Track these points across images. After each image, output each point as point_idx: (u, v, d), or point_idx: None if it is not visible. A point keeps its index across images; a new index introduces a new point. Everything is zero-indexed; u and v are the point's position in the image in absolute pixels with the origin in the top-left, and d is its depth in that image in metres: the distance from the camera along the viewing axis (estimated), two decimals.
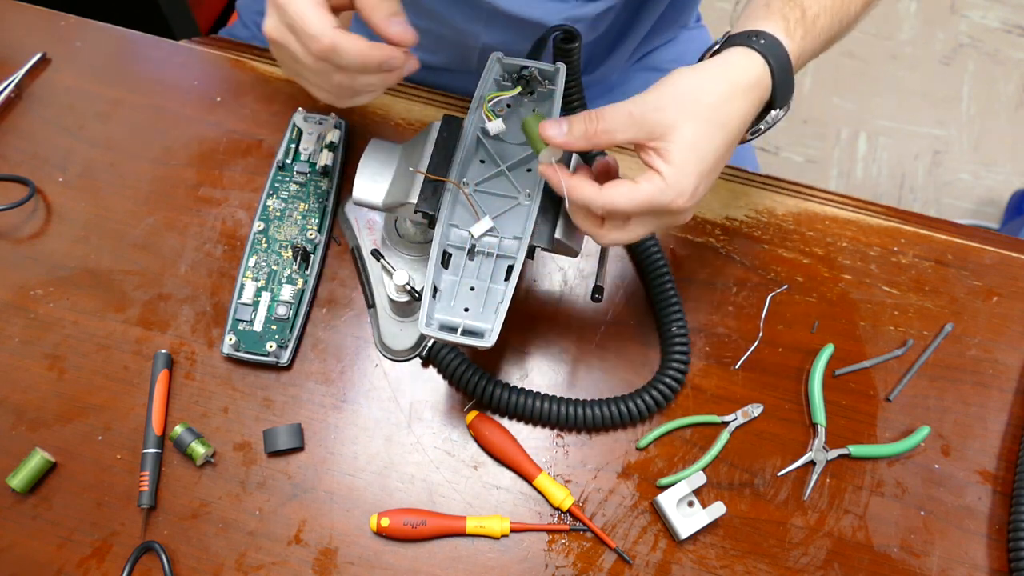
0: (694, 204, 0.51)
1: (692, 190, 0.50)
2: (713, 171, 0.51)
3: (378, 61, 0.51)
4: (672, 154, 0.49)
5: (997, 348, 0.70)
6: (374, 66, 0.51)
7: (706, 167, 0.50)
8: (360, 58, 0.50)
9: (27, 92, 0.75)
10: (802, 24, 0.54)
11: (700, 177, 0.50)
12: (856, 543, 0.64)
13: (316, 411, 0.66)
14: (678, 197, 0.50)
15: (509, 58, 0.59)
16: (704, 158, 0.50)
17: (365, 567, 0.62)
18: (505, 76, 0.60)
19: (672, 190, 0.49)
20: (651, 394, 0.64)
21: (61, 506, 0.63)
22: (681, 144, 0.49)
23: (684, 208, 0.50)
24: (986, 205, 1.72)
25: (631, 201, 0.50)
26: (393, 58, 0.52)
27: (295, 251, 0.68)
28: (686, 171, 0.49)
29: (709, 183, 0.52)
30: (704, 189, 0.51)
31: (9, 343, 0.67)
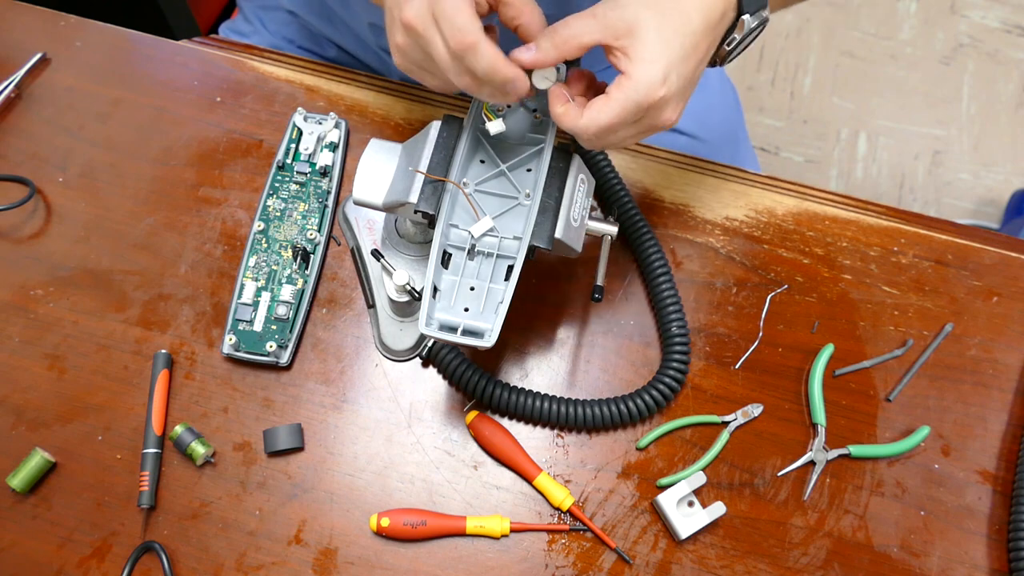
0: (672, 94, 0.51)
1: (662, 78, 0.49)
2: (683, 60, 0.51)
3: (504, 78, 0.51)
4: (635, 49, 0.50)
5: (997, 348, 0.70)
6: (499, 81, 0.51)
7: (674, 54, 0.50)
8: (491, 67, 0.51)
9: (27, 92, 0.75)
10: None
11: (669, 65, 0.50)
12: (856, 543, 0.64)
13: (316, 411, 0.66)
14: (649, 90, 0.49)
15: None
16: (669, 44, 0.50)
17: (365, 567, 0.62)
18: None
19: (642, 85, 0.49)
20: (651, 394, 0.64)
21: (61, 506, 0.63)
22: (643, 36, 0.50)
23: (659, 97, 0.50)
24: (986, 205, 1.72)
25: (609, 114, 0.50)
26: (518, 81, 0.52)
27: (295, 251, 0.68)
28: (652, 60, 0.49)
29: (684, 73, 0.51)
30: (678, 78, 0.51)
31: (9, 343, 0.67)
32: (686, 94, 0.53)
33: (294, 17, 0.89)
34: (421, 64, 0.55)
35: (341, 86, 0.77)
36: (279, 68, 0.77)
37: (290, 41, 0.91)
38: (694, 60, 0.52)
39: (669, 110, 0.52)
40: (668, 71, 0.50)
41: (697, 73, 0.54)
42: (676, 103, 0.52)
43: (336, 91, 0.77)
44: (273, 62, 0.78)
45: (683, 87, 0.52)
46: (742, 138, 0.96)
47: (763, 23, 0.57)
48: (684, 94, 0.53)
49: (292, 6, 0.87)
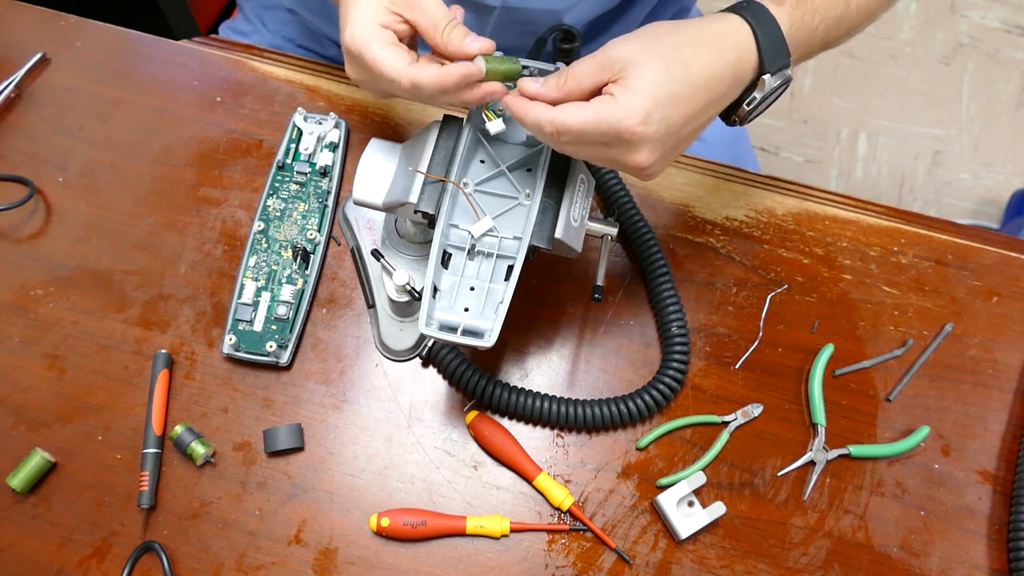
0: (649, 135, 0.49)
1: (644, 113, 0.48)
2: (671, 105, 0.49)
3: (455, 81, 0.53)
4: (626, 80, 0.49)
5: (997, 348, 0.70)
6: (452, 86, 0.53)
7: (662, 95, 0.49)
8: (438, 86, 0.52)
9: (27, 92, 0.75)
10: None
11: (655, 104, 0.48)
12: (856, 543, 0.64)
13: (316, 411, 0.66)
14: (627, 117, 0.48)
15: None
16: (659, 85, 0.49)
17: (365, 567, 0.62)
18: None
19: (622, 108, 0.48)
20: (651, 394, 0.64)
21: (61, 506, 0.63)
22: (635, 71, 0.49)
23: (634, 132, 0.48)
24: (986, 205, 1.71)
25: (576, 120, 0.49)
26: (469, 75, 0.53)
27: (295, 251, 0.68)
28: (640, 93, 0.48)
29: (670, 118, 0.50)
30: (661, 122, 0.49)
31: (9, 343, 0.67)
32: (667, 145, 0.51)
33: (294, 16, 0.89)
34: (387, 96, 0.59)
35: (341, 86, 0.77)
36: (279, 68, 0.77)
37: (290, 40, 0.91)
38: (684, 110, 0.50)
39: (642, 152, 0.50)
40: (652, 109, 0.48)
41: (688, 129, 0.52)
42: (652, 148, 0.50)
43: (336, 91, 0.77)
44: (273, 62, 0.78)
45: (665, 134, 0.50)
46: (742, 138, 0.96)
47: (786, 82, 0.55)
48: (664, 143, 0.50)
49: (292, 5, 0.87)
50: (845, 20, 0.59)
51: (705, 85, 0.51)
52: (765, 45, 0.53)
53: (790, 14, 0.55)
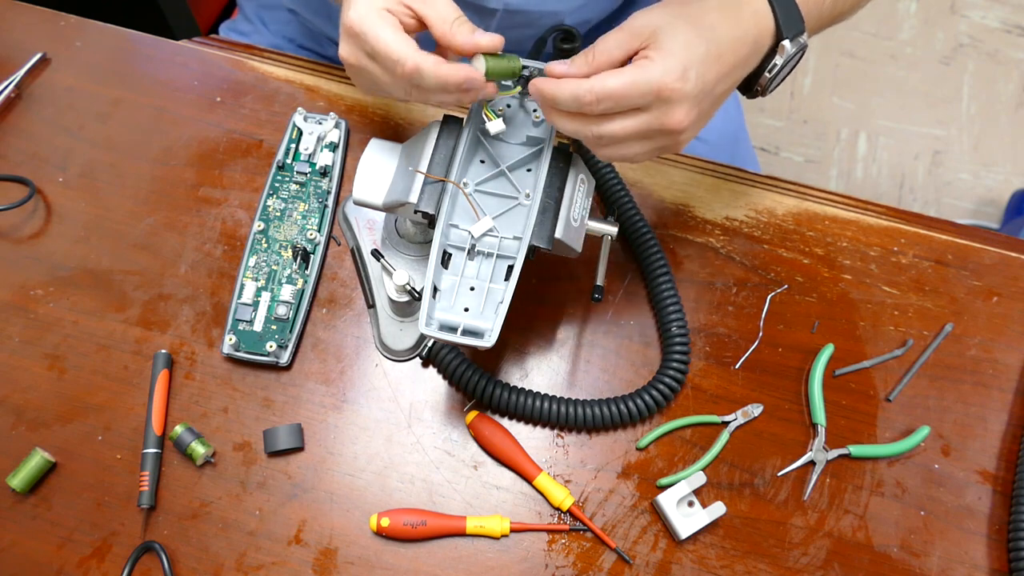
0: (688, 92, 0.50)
1: (682, 70, 0.49)
2: (704, 62, 0.50)
3: (456, 82, 0.53)
4: (658, 45, 0.50)
5: (997, 348, 0.70)
6: (453, 87, 0.53)
7: (695, 54, 0.50)
8: (440, 80, 0.52)
9: (27, 92, 0.75)
10: None
11: (690, 61, 0.50)
12: (856, 543, 0.64)
13: (316, 411, 0.66)
14: (665, 74, 0.49)
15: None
16: (691, 45, 0.50)
17: (365, 567, 0.62)
18: None
19: (659, 67, 0.49)
20: (651, 394, 0.64)
21: (61, 506, 0.63)
22: (666, 36, 0.50)
23: (674, 88, 0.49)
24: (986, 205, 1.71)
25: (618, 82, 0.49)
26: (472, 80, 0.53)
27: (295, 251, 0.68)
28: (673, 53, 0.49)
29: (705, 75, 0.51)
30: (697, 78, 0.50)
31: (9, 343, 0.67)
32: (703, 104, 0.52)
33: (294, 16, 0.89)
34: (371, 88, 0.57)
35: (341, 86, 0.77)
36: (279, 68, 0.77)
37: (290, 40, 0.91)
38: (716, 69, 0.52)
39: (682, 110, 0.50)
40: (688, 66, 0.50)
41: (720, 89, 0.53)
42: (690, 106, 0.51)
43: (336, 91, 0.77)
44: (273, 62, 0.78)
45: (701, 91, 0.51)
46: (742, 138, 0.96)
47: (802, 49, 0.57)
48: (701, 102, 0.51)
49: (293, 4, 0.87)
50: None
51: (731, 47, 0.53)
52: (781, 12, 0.55)
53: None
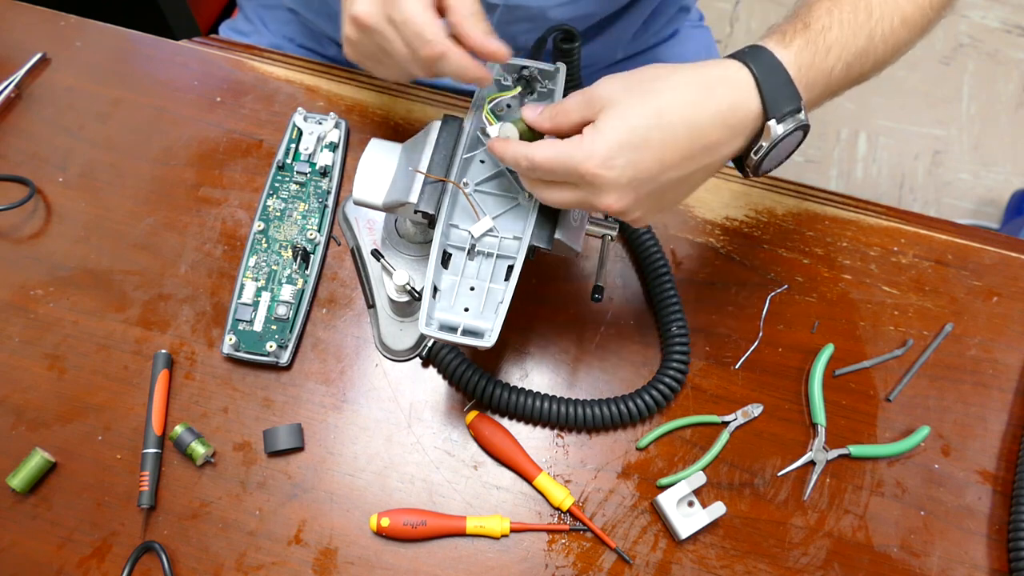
0: (612, 179, 0.48)
1: (604, 156, 0.47)
2: (639, 149, 0.48)
3: (473, 78, 0.53)
4: (599, 121, 0.49)
5: (997, 348, 0.70)
6: (467, 80, 0.53)
7: (631, 140, 0.48)
8: (460, 71, 0.53)
9: (27, 92, 0.75)
10: (803, 35, 0.52)
11: (620, 147, 0.48)
12: (856, 543, 0.64)
13: (316, 411, 0.66)
14: (587, 159, 0.48)
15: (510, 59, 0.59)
16: (630, 131, 0.48)
17: (365, 567, 0.62)
18: (505, 76, 0.60)
19: (582, 151, 0.48)
20: (651, 394, 0.64)
21: (61, 506, 0.63)
22: (610, 114, 0.48)
23: (596, 174, 0.48)
24: (986, 205, 1.71)
25: (545, 155, 0.49)
26: (485, 79, 0.54)
27: (295, 251, 0.68)
28: (604, 136, 0.48)
29: (638, 163, 0.48)
30: (627, 166, 0.48)
31: (9, 343, 0.67)
32: (641, 191, 0.49)
33: (295, 15, 0.89)
34: (373, 58, 0.57)
35: (341, 86, 0.77)
36: (279, 68, 0.77)
37: (291, 40, 0.91)
38: (659, 156, 0.48)
39: (609, 196, 0.49)
40: (615, 154, 0.48)
41: (668, 177, 0.50)
42: (621, 193, 0.49)
43: (336, 91, 0.77)
44: (273, 62, 0.78)
45: (633, 179, 0.48)
46: None
47: (800, 128, 0.52)
48: (637, 189, 0.49)
49: (293, 4, 0.87)
50: (869, 54, 0.55)
51: (686, 132, 0.49)
52: (767, 89, 0.50)
53: (798, 55, 0.52)
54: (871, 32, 0.54)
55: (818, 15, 0.53)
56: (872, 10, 0.54)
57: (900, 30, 0.56)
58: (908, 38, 0.57)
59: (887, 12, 0.55)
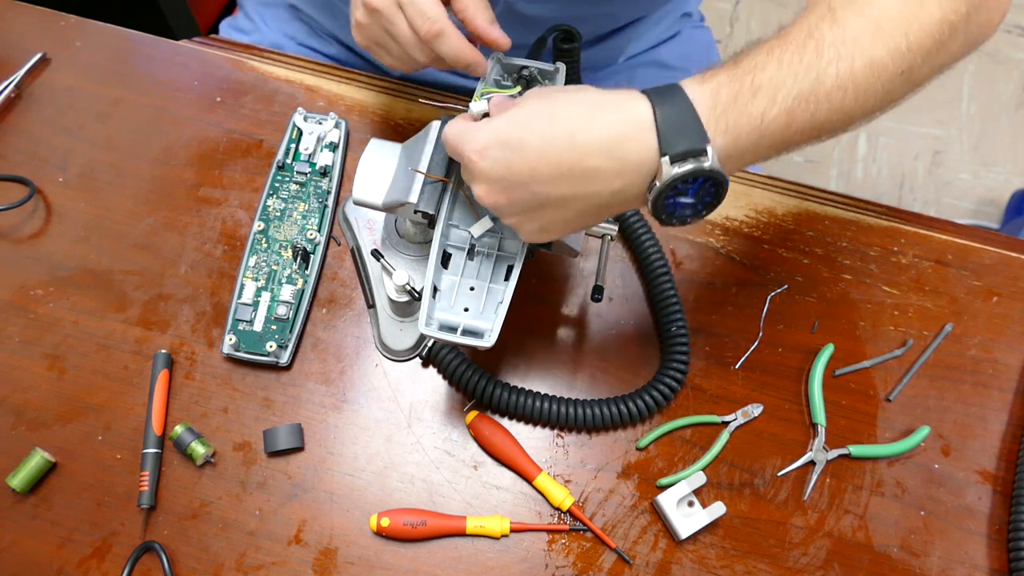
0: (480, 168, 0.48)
1: (481, 145, 0.48)
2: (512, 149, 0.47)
3: (468, 62, 0.56)
4: (493, 115, 0.50)
5: (997, 348, 0.70)
6: (462, 63, 0.56)
7: (512, 137, 0.47)
8: (456, 52, 0.56)
9: (27, 92, 0.75)
10: (728, 71, 0.47)
11: (498, 141, 0.47)
12: (856, 543, 0.64)
13: (316, 411, 0.66)
14: (469, 143, 0.49)
15: (509, 58, 0.59)
16: (509, 127, 0.47)
17: (365, 567, 0.62)
18: (505, 76, 0.60)
19: (468, 134, 0.49)
20: (651, 394, 0.64)
21: (61, 506, 0.63)
22: (508, 110, 0.49)
23: (470, 159, 0.48)
24: (986, 205, 1.71)
25: (447, 131, 0.51)
26: (479, 64, 0.56)
27: (295, 251, 0.68)
28: (491, 126, 0.48)
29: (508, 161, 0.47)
30: (496, 162, 0.47)
31: (9, 343, 0.67)
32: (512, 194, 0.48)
33: (295, 13, 0.89)
34: (380, 42, 0.59)
35: (341, 86, 0.77)
36: (279, 68, 0.77)
37: (291, 37, 0.90)
38: (533, 163, 0.46)
39: (480, 186, 0.49)
40: (491, 144, 0.47)
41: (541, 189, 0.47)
42: (490, 188, 0.48)
43: (336, 91, 0.77)
44: (273, 62, 0.78)
45: (504, 178, 0.47)
46: None
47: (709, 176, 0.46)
48: (508, 190, 0.48)
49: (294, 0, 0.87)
50: (821, 99, 0.47)
51: (566, 149, 0.46)
52: (663, 123, 0.45)
53: (716, 92, 0.46)
54: (820, 74, 0.47)
55: (753, 54, 0.48)
56: (823, 51, 0.47)
57: (864, 75, 0.47)
58: (879, 86, 0.49)
59: (844, 53, 0.47)
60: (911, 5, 0.50)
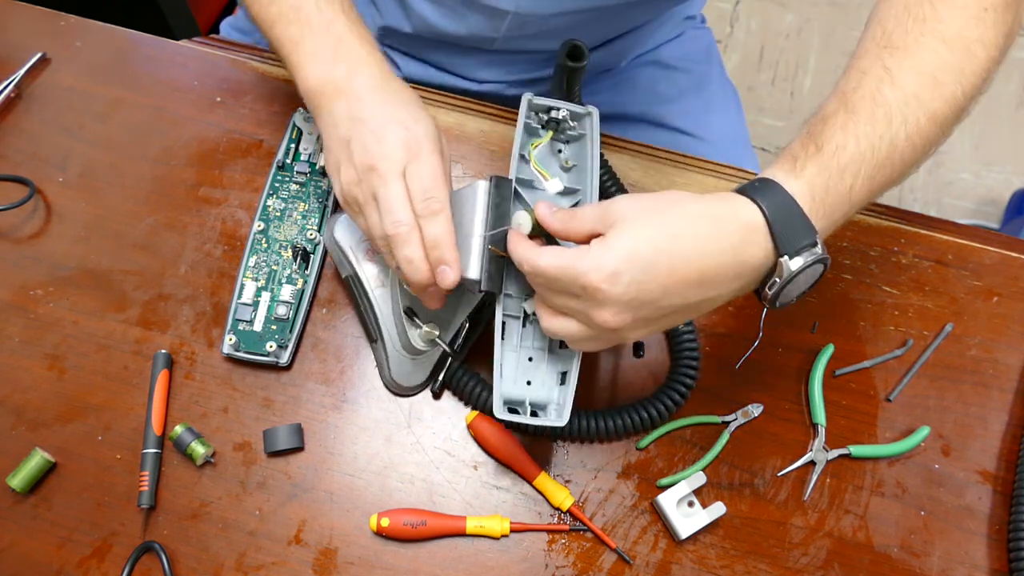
0: (615, 294, 0.47)
1: (611, 271, 0.46)
2: (645, 271, 0.47)
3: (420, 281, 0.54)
4: (610, 236, 0.48)
5: (997, 348, 0.70)
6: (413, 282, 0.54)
7: (640, 260, 0.47)
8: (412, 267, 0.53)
9: (27, 92, 0.75)
10: (816, 160, 0.50)
11: (628, 265, 0.47)
12: (856, 543, 0.64)
13: (316, 411, 0.66)
14: (592, 270, 0.47)
15: (539, 98, 0.57)
16: (638, 249, 0.47)
17: (365, 567, 0.62)
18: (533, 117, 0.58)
19: (588, 262, 0.47)
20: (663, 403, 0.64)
21: (61, 506, 0.63)
22: (619, 228, 0.48)
23: (599, 288, 0.47)
24: (986, 205, 1.71)
25: (549, 262, 0.49)
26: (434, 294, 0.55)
27: (295, 251, 0.68)
28: (612, 250, 0.47)
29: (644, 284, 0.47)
30: (631, 285, 0.47)
31: (9, 343, 0.67)
32: (640, 313, 0.48)
33: None
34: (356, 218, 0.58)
35: None
36: (279, 68, 0.77)
37: None
38: (664, 281, 0.47)
39: (607, 311, 0.48)
40: (621, 269, 0.47)
41: (670, 302, 0.48)
42: (619, 309, 0.48)
43: None
44: (273, 62, 0.78)
45: (635, 299, 0.47)
46: (742, 138, 0.96)
47: (821, 261, 0.50)
48: (637, 310, 0.48)
49: None
50: (895, 160, 0.51)
51: (697, 262, 0.47)
52: (778, 226, 0.48)
53: (812, 184, 0.49)
54: (893, 139, 0.51)
55: (831, 134, 0.51)
56: (892, 117, 0.51)
57: (928, 128, 0.52)
58: (940, 133, 0.53)
59: (910, 114, 0.51)
60: (960, 54, 0.53)
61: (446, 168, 0.56)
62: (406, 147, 0.54)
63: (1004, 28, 0.55)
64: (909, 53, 0.52)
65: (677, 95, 0.92)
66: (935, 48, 0.52)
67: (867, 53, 0.54)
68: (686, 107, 0.92)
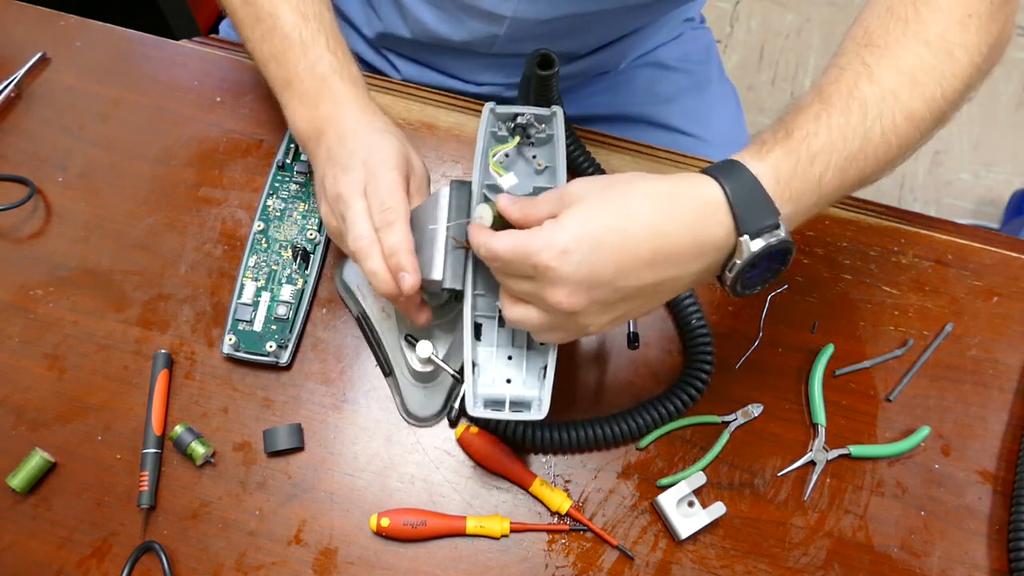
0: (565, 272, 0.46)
1: (561, 248, 0.46)
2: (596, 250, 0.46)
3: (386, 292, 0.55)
4: (562, 216, 0.47)
5: (997, 348, 0.70)
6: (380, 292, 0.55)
7: (591, 237, 0.46)
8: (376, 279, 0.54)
9: (27, 92, 0.75)
10: (784, 144, 0.49)
11: (578, 242, 0.46)
12: (856, 543, 0.64)
13: (316, 411, 0.66)
14: (544, 248, 0.46)
15: (502, 107, 0.58)
16: (588, 228, 0.46)
17: (365, 567, 0.62)
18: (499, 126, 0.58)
19: (540, 240, 0.46)
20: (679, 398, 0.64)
21: (61, 506, 0.63)
22: (574, 211, 0.47)
23: (549, 265, 0.46)
24: (986, 205, 1.71)
25: (503, 243, 0.48)
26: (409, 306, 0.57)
27: (295, 251, 0.68)
28: (563, 229, 0.46)
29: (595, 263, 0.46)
30: (582, 264, 0.46)
31: (9, 343, 0.67)
32: (595, 293, 0.47)
33: None
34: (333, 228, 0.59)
35: None
36: None
37: None
38: (617, 259, 0.46)
39: (560, 291, 0.47)
40: (571, 247, 0.46)
41: (628, 283, 0.47)
42: (573, 290, 0.47)
43: None
44: None
45: (589, 278, 0.46)
46: (742, 138, 0.96)
47: (783, 245, 0.48)
48: (591, 290, 0.47)
49: None
50: (868, 155, 0.51)
51: (649, 240, 0.46)
52: (738, 204, 0.47)
53: (777, 166, 0.49)
54: (867, 132, 0.50)
55: (803, 122, 0.50)
56: (867, 110, 0.50)
57: (904, 127, 0.51)
58: (917, 135, 0.53)
59: (886, 110, 0.51)
60: (941, 56, 0.53)
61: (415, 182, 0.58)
62: (365, 168, 0.56)
63: (988, 37, 0.54)
64: (889, 52, 0.52)
65: (676, 95, 0.92)
66: (916, 49, 0.52)
67: (847, 51, 0.54)
68: (686, 107, 0.92)
